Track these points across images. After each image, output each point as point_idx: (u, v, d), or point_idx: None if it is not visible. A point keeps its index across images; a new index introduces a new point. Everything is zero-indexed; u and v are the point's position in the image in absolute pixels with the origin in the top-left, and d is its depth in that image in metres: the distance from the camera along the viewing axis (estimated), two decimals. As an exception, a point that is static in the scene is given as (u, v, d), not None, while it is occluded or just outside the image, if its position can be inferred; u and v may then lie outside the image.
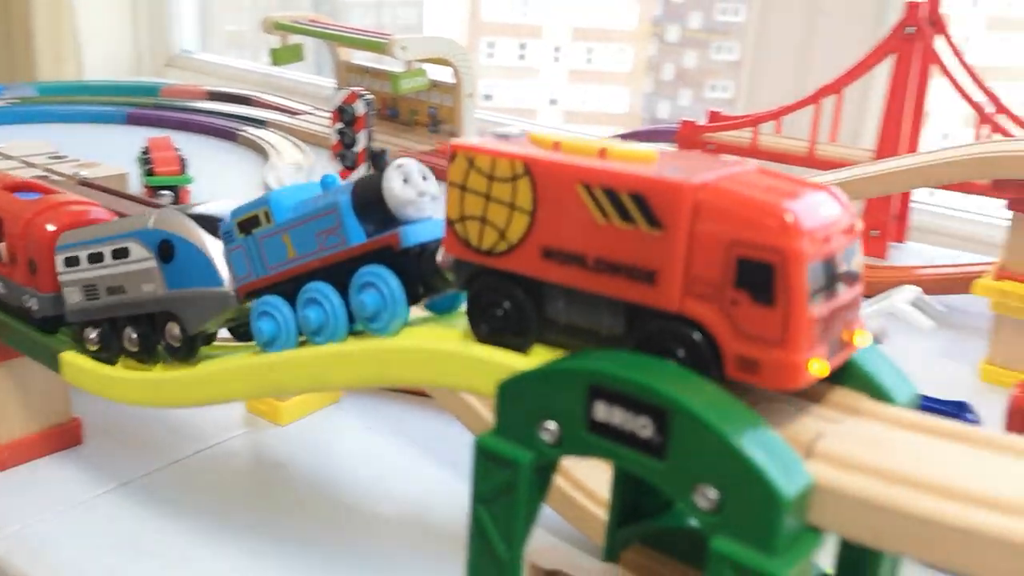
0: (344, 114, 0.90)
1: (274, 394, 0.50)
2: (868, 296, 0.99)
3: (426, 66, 1.40)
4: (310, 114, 1.62)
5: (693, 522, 0.40)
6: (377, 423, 0.72)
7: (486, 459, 0.34)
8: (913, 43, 1.06)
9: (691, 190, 0.32)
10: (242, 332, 0.54)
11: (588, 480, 0.57)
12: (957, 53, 1.06)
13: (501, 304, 0.37)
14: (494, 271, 0.37)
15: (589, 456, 0.32)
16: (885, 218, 1.10)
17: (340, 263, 0.43)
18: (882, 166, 0.80)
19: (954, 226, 1.20)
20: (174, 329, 0.52)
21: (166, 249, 0.51)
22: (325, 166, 1.30)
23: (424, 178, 0.43)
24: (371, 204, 0.42)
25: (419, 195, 0.43)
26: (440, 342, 0.39)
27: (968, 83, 1.05)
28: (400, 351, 0.40)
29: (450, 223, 0.38)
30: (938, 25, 1.07)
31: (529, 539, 0.34)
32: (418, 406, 0.75)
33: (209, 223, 0.51)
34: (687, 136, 1.20)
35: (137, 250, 0.53)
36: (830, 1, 1.44)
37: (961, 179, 0.76)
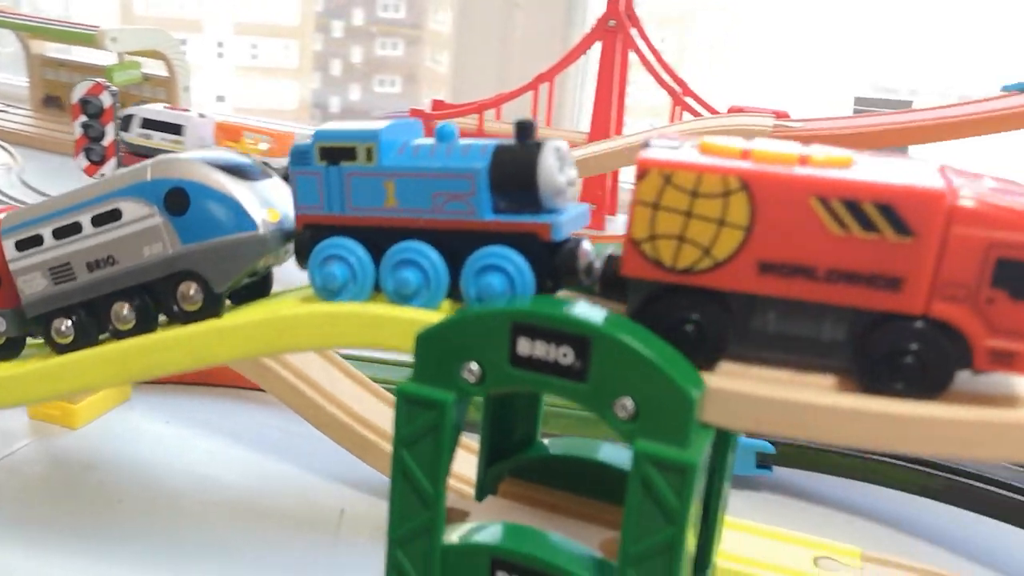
0: (88, 107, 0.86)
1: (149, 375, 0.47)
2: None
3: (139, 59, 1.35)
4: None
5: (553, 451, 0.46)
6: (174, 416, 0.71)
7: (409, 404, 0.37)
8: (615, 34, 1.18)
9: (947, 198, 0.34)
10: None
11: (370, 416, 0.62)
12: (650, 44, 1.20)
13: (691, 321, 0.36)
14: (687, 288, 0.36)
15: (510, 388, 0.36)
16: (601, 193, 1.21)
17: (452, 232, 0.40)
18: (595, 148, 0.89)
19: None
20: (190, 290, 0.46)
21: (176, 199, 0.45)
22: (37, 164, 1.22)
23: (569, 165, 0.41)
24: (512, 179, 0.40)
25: (568, 184, 0.40)
26: (331, 307, 0.41)
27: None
28: (301, 317, 0.42)
29: (635, 243, 0.36)
30: (633, 19, 1.20)
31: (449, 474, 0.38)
32: (208, 396, 0.75)
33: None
34: (416, 124, 1.25)
35: (133, 209, 0.46)
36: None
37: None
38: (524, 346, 0.35)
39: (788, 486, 0.68)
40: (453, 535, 0.39)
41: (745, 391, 0.35)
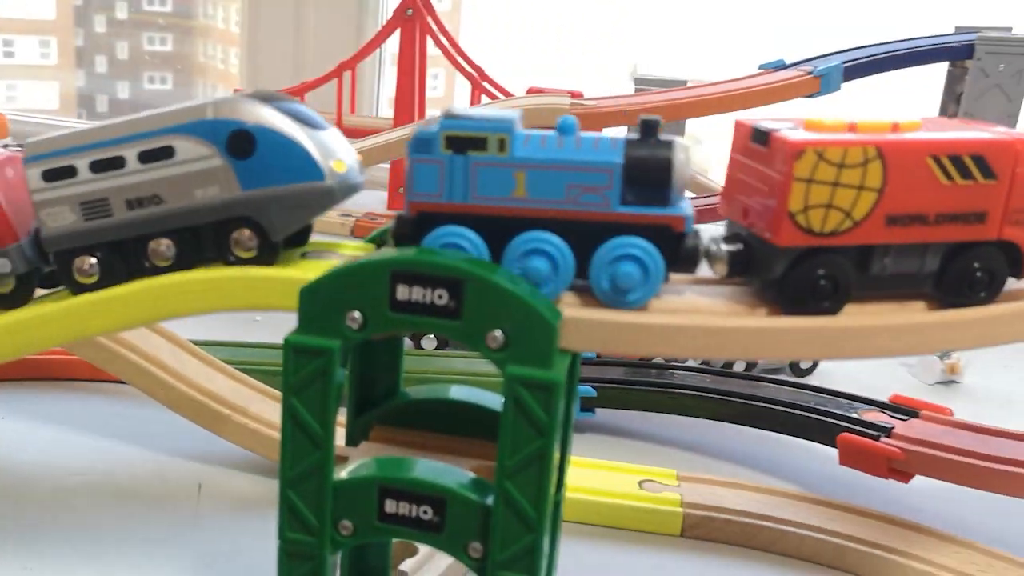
0: None
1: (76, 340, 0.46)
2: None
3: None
4: None
5: (415, 397, 0.50)
6: (8, 411, 0.70)
7: (297, 354, 0.40)
8: (413, 23, 1.23)
9: (1017, 144, 0.42)
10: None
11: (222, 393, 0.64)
12: (446, 32, 1.25)
13: (827, 276, 0.42)
14: (829, 249, 0.42)
15: (390, 331, 0.40)
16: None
17: (580, 223, 0.41)
18: (404, 131, 0.94)
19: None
20: (243, 235, 0.44)
21: (240, 142, 0.43)
22: None
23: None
24: (648, 175, 0.41)
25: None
26: (214, 272, 0.44)
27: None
28: (184, 283, 0.44)
29: (790, 215, 0.41)
30: (429, 7, 1.25)
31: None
32: (42, 390, 0.74)
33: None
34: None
35: (188, 148, 0.44)
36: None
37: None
38: (403, 292, 0.39)
39: (610, 426, 0.75)
40: (341, 472, 0.42)
41: (592, 318, 0.41)
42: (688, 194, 0.46)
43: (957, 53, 1.02)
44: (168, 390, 0.63)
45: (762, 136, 0.43)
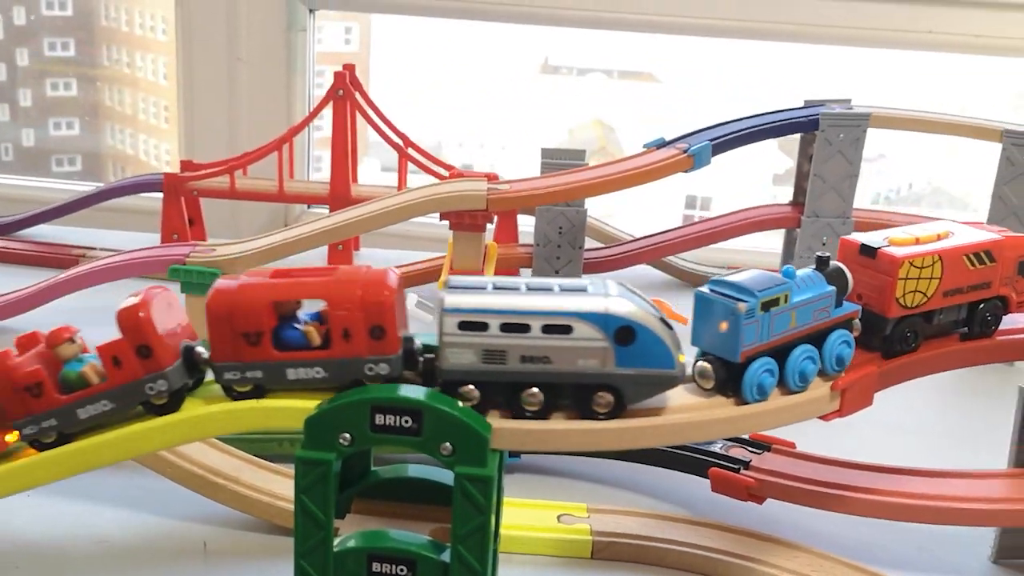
0: None
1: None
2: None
3: None
4: None
5: (384, 476, 0.65)
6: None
7: (304, 464, 0.55)
8: (344, 101, 1.36)
9: (1003, 241, 0.70)
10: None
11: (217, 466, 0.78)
12: (375, 108, 1.39)
13: (912, 330, 0.68)
14: (912, 316, 0.67)
15: (371, 446, 0.55)
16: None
17: (818, 331, 0.63)
18: (365, 209, 1.08)
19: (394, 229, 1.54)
20: (605, 398, 0.57)
21: (625, 334, 0.55)
22: None
23: None
24: (841, 291, 0.65)
25: None
26: (233, 405, 0.58)
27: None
28: (215, 414, 0.58)
29: (897, 300, 0.66)
30: (357, 86, 1.39)
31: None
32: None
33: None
34: (173, 185, 1.37)
35: (585, 330, 0.55)
36: (245, 50, 1.69)
37: (421, 214, 1.07)
38: (380, 419, 0.55)
39: (534, 467, 0.90)
40: (336, 544, 0.57)
41: (509, 427, 0.57)
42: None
43: (806, 126, 1.21)
44: (174, 468, 0.77)
45: (870, 251, 0.67)
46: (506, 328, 0.56)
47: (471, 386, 0.57)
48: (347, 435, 0.55)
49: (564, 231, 1.22)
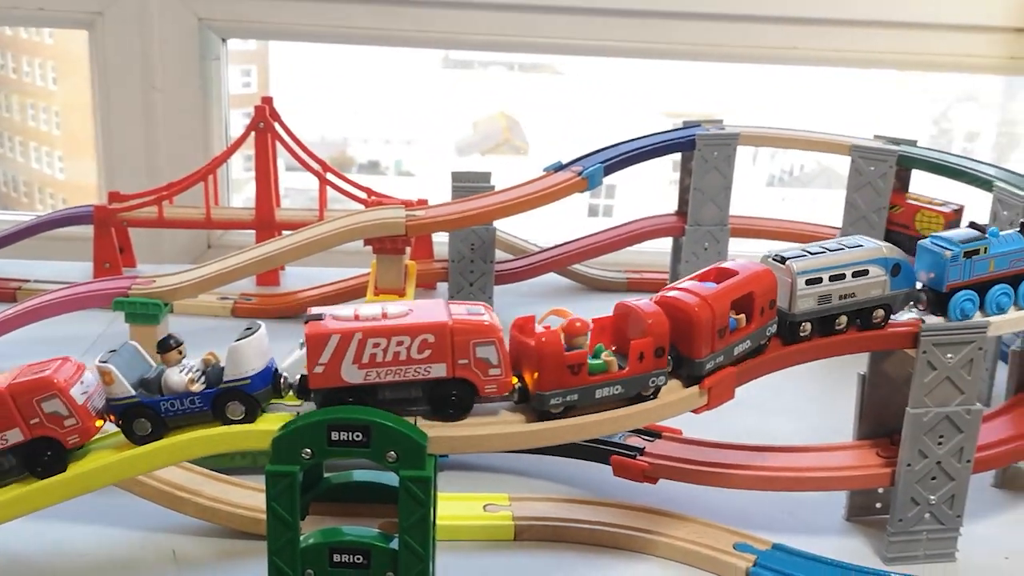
0: None
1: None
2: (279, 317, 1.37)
3: None
4: None
5: (335, 481, 0.76)
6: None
7: (274, 477, 0.65)
8: (265, 133, 1.45)
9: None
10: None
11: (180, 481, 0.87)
12: (294, 137, 1.48)
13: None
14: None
15: (330, 458, 0.66)
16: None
17: (1013, 275, 0.83)
18: (294, 239, 1.17)
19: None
20: (879, 314, 0.82)
21: (895, 269, 0.81)
22: None
23: None
24: None
25: None
26: (202, 432, 0.68)
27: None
28: (194, 440, 0.68)
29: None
30: (275, 117, 1.47)
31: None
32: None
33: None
34: (104, 218, 1.44)
35: (875, 270, 0.80)
36: (160, 78, 1.75)
37: (346, 242, 1.17)
38: (335, 435, 0.65)
39: (459, 464, 1.02)
40: (301, 542, 0.68)
41: (443, 434, 0.68)
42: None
43: (685, 146, 1.34)
44: (142, 486, 0.86)
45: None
46: (832, 279, 0.79)
47: (808, 324, 0.80)
48: (308, 450, 0.66)
49: (476, 248, 1.34)
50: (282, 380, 0.70)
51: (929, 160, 1.28)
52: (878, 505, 0.94)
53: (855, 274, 0.80)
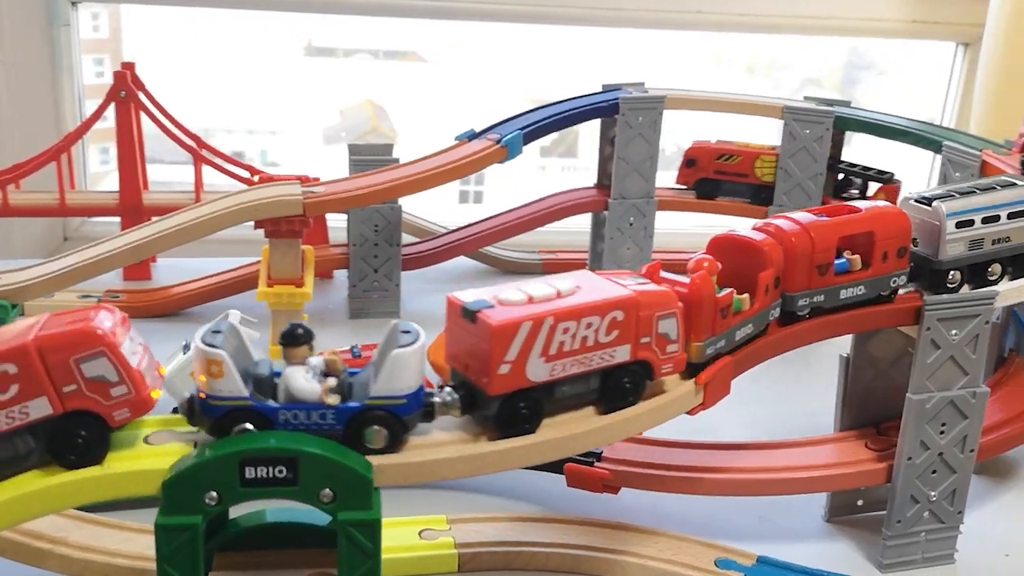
0: None
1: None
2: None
3: None
4: None
5: (244, 524, 0.59)
6: None
7: (167, 531, 0.48)
8: (128, 103, 1.24)
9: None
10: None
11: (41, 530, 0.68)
12: (161, 108, 1.27)
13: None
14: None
15: (242, 501, 0.49)
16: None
17: None
18: (173, 222, 0.98)
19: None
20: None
21: None
22: None
23: None
24: None
25: None
26: (75, 475, 0.50)
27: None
28: (54, 487, 0.50)
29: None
30: (140, 86, 1.27)
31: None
32: None
33: None
34: (-65, 207, 1.20)
35: None
36: (2, 49, 1.51)
37: (234, 224, 0.99)
38: (250, 472, 0.49)
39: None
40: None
41: (392, 463, 0.52)
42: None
43: (607, 111, 1.21)
44: (-9, 537, 0.67)
45: None
46: (985, 220, 0.70)
47: (958, 272, 0.71)
48: (214, 494, 0.49)
49: (380, 229, 1.17)
50: (435, 404, 0.54)
51: (868, 121, 1.19)
52: (860, 503, 0.83)
53: (1011, 215, 0.71)
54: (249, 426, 0.50)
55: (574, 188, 1.32)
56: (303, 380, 0.51)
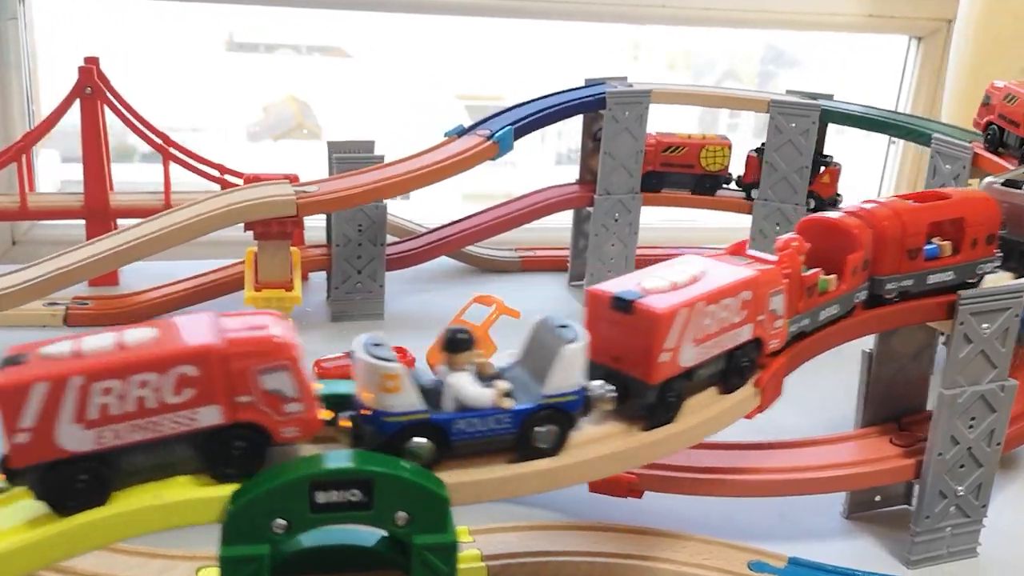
0: None
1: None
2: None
3: None
4: None
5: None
6: None
7: (233, 564, 0.45)
8: (94, 100, 1.18)
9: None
10: None
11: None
12: (128, 106, 1.21)
13: None
14: None
15: (312, 528, 0.46)
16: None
17: None
18: (158, 225, 0.93)
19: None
20: None
21: None
22: None
23: None
24: None
25: None
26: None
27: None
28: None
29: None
30: (105, 82, 1.20)
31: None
32: None
33: None
34: None
35: None
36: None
37: (225, 226, 0.94)
38: (322, 497, 0.45)
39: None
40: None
41: (467, 479, 0.50)
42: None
43: (594, 105, 1.19)
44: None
45: None
46: None
47: None
48: (282, 521, 0.45)
49: (364, 229, 1.13)
50: (591, 399, 0.52)
51: (854, 114, 1.19)
52: (878, 498, 0.83)
53: None
54: (424, 440, 0.48)
55: (556, 185, 1.30)
56: (475, 386, 0.49)
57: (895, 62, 1.89)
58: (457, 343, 0.49)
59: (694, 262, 0.56)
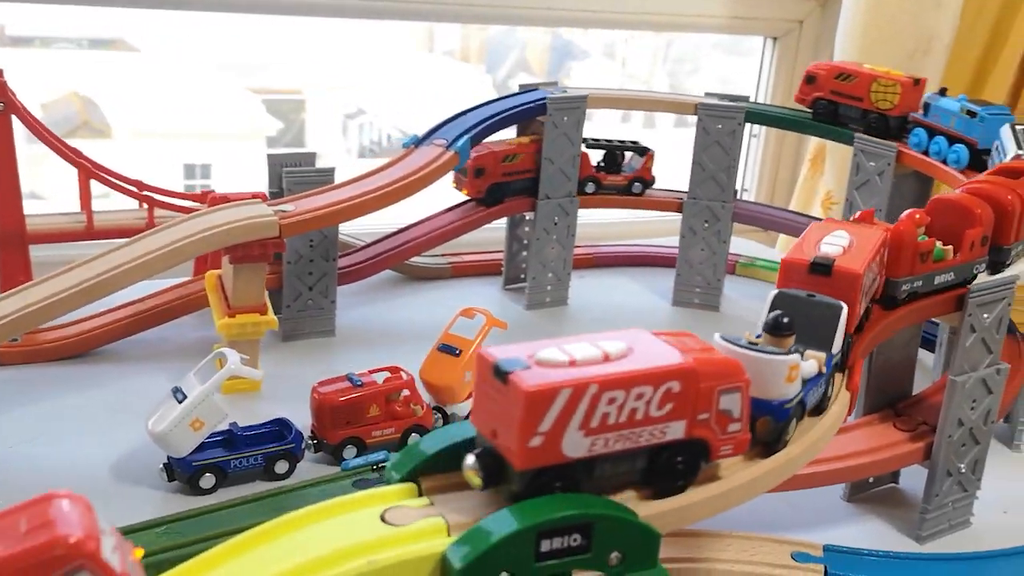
0: None
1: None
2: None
3: None
4: None
5: None
6: None
7: (461, 624, 0.42)
8: (7, 116, 1.06)
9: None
10: None
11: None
12: (34, 122, 1.10)
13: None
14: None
15: (534, 578, 0.44)
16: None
17: None
18: (126, 255, 0.85)
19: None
20: None
21: None
22: None
23: None
24: None
25: None
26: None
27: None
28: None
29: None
30: (12, 95, 1.08)
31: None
32: None
33: None
34: None
35: None
36: None
37: (206, 251, 0.88)
38: (546, 545, 0.44)
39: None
40: None
41: (665, 510, 0.49)
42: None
43: (538, 111, 1.20)
44: None
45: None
46: None
47: None
48: (506, 574, 0.43)
49: (316, 244, 1.09)
50: None
51: (777, 115, 1.25)
52: (871, 479, 0.88)
53: None
54: None
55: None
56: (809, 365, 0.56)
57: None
58: (780, 327, 0.53)
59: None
